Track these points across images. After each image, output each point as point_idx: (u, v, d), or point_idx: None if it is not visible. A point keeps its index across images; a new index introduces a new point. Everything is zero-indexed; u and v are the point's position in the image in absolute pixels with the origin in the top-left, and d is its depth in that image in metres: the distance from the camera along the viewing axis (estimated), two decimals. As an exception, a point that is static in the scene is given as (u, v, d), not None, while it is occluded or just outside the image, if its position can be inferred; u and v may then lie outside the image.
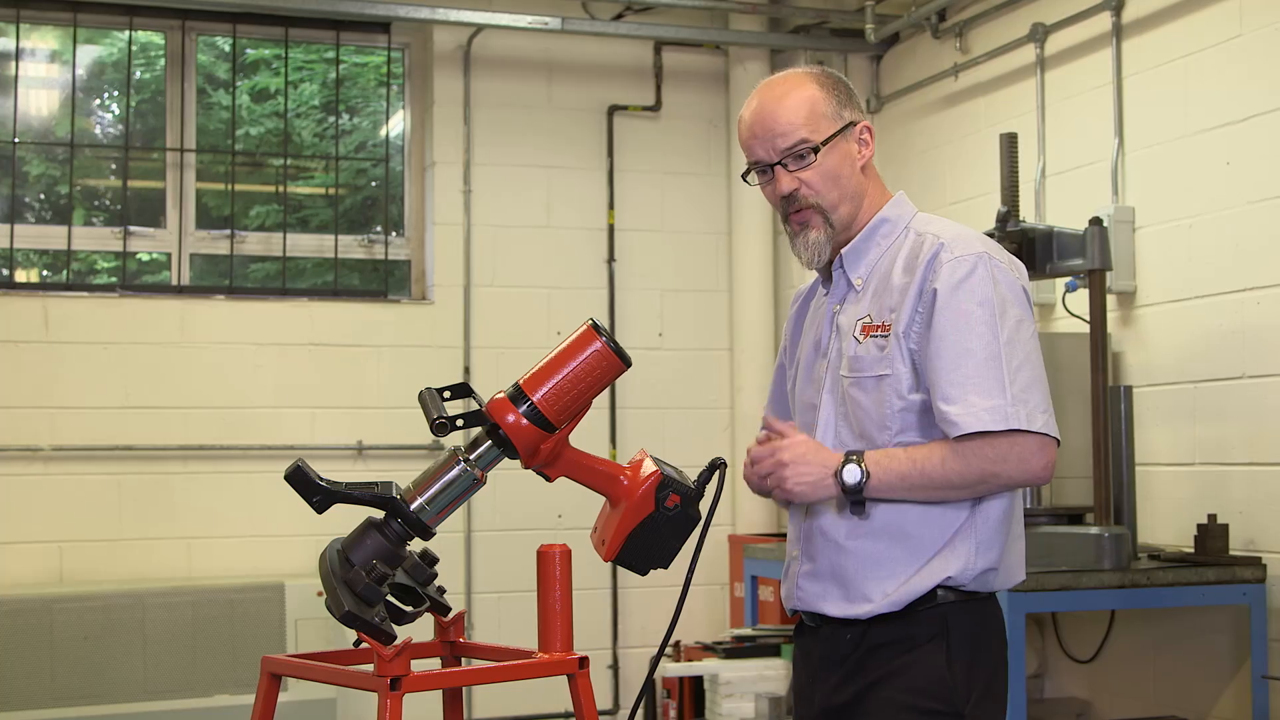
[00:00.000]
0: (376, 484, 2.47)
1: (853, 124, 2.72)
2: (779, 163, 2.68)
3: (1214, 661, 4.81)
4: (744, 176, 2.80)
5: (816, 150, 2.67)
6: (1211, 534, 4.59)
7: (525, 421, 2.45)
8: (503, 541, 6.55)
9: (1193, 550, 4.66)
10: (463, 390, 2.57)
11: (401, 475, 2.51)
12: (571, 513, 6.59)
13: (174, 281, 6.42)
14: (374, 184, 6.93)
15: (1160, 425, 4.99)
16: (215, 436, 6.22)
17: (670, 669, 5.77)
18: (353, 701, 6.12)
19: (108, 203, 6.64)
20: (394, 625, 2.38)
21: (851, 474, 2.54)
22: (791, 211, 2.71)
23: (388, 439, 6.42)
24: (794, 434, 2.63)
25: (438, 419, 2.44)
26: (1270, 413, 4.58)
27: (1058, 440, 2.54)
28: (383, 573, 2.39)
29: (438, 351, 6.56)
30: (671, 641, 6.47)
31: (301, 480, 2.42)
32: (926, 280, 2.58)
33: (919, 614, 2.59)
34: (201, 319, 6.26)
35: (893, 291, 2.64)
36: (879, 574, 2.60)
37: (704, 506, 2.62)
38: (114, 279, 6.39)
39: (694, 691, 5.72)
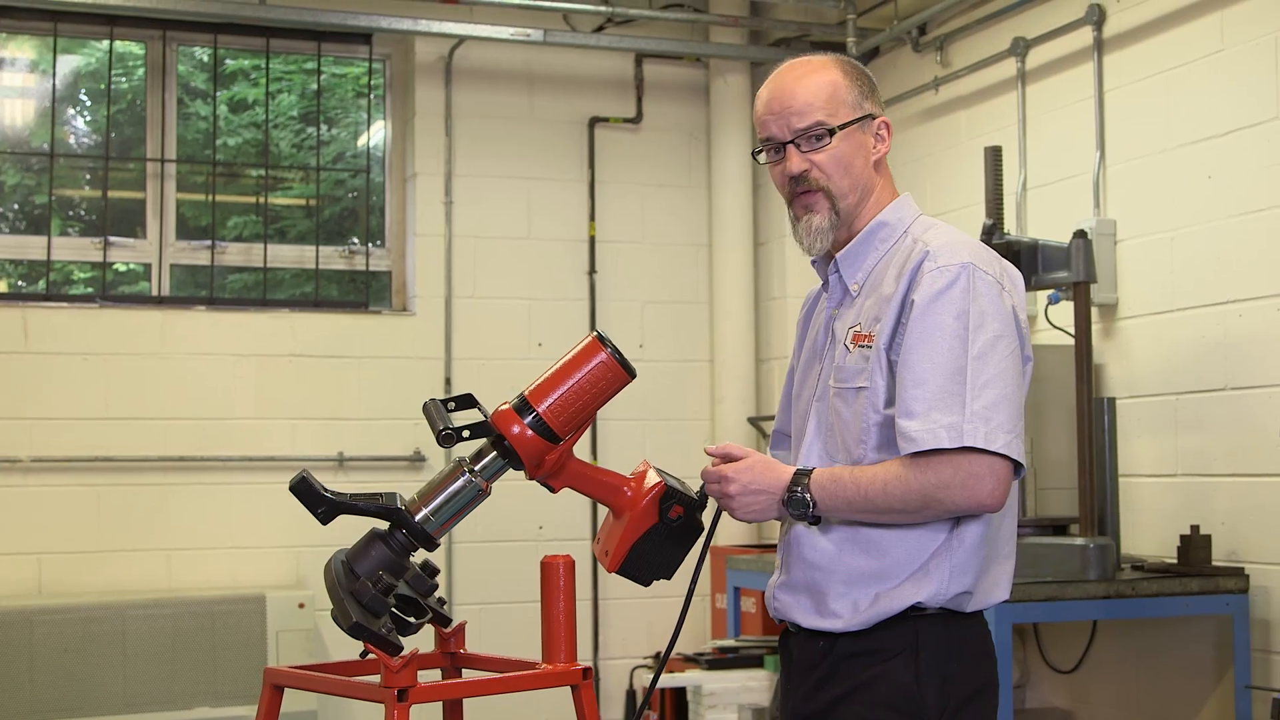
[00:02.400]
0: (381, 495, 2.48)
1: (871, 116, 2.68)
2: (791, 142, 2.63)
3: (1196, 672, 4.85)
4: (755, 154, 2.74)
5: (832, 133, 2.61)
6: (1195, 545, 4.62)
7: (530, 433, 2.46)
8: (484, 553, 6.54)
9: (1175, 561, 4.70)
10: (467, 401, 2.58)
11: (382, 486, 2.52)
12: (553, 524, 6.60)
13: (154, 292, 6.39)
14: (351, 195, 6.93)
15: (1143, 437, 5.02)
16: (195, 448, 6.19)
17: (653, 680, 5.76)
18: (333, 712, 6.11)
19: (83, 213, 6.61)
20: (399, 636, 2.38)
21: (795, 505, 2.52)
22: (798, 193, 2.66)
23: (369, 450, 6.41)
24: (746, 454, 2.59)
25: (444, 430, 2.44)
26: (1252, 424, 4.61)
27: (1019, 465, 2.46)
28: (388, 584, 2.40)
29: (419, 363, 6.55)
30: (652, 653, 6.53)
31: (307, 491, 2.42)
32: (908, 291, 2.53)
33: (892, 627, 2.53)
34: (182, 330, 6.24)
35: (881, 301, 2.58)
36: (851, 589, 2.55)
37: (706, 518, 2.64)
38: (90, 289, 6.36)
39: (676, 703, 5.72)
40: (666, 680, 5.65)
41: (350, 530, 2.59)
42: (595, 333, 2.54)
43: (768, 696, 5.38)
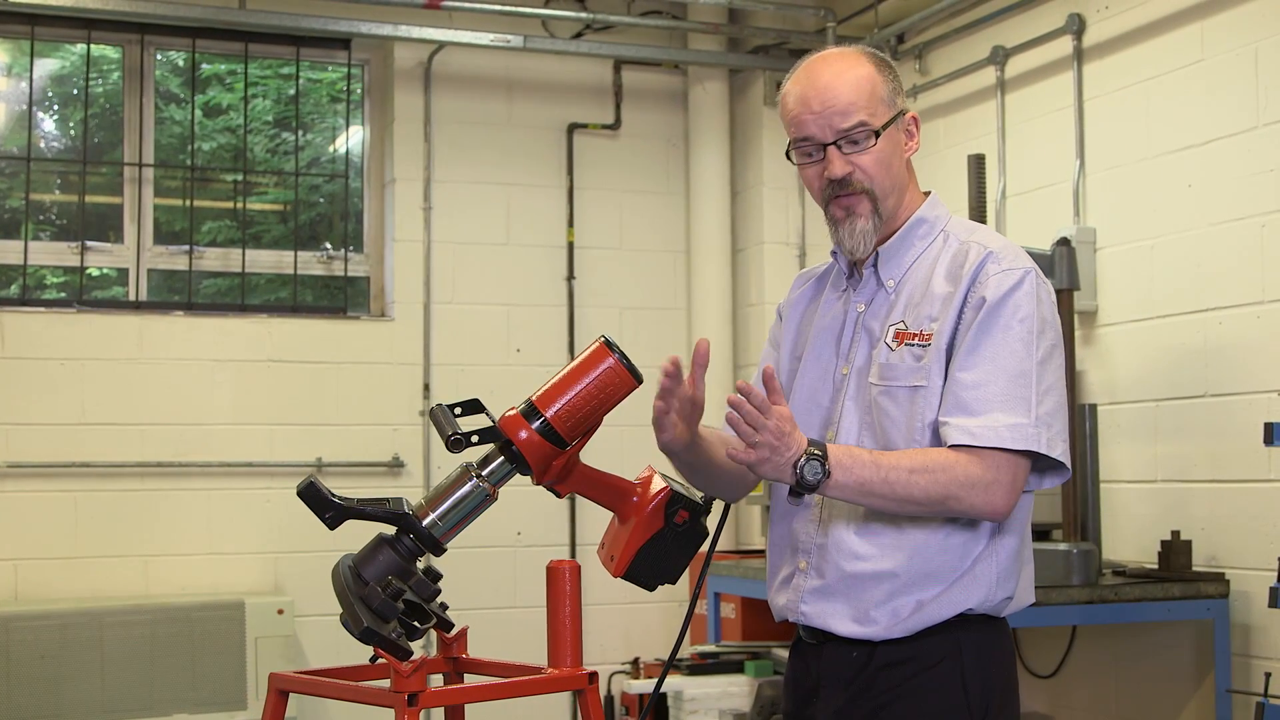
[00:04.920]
0: (388, 499, 2.47)
1: (903, 113, 2.61)
2: (834, 143, 2.55)
3: (1176, 676, 4.88)
4: (787, 154, 2.64)
5: (877, 135, 2.54)
6: (1175, 550, 4.66)
7: (538, 438, 2.46)
8: (461, 558, 6.47)
9: (1156, 566, 4.74)
10: (474, 406, 2.57)
11: (361, 492, 2.49)
12: (531, 530, 6.60)
13: (131, 297, 6.36)
14: (322, 200, 6.90)
15: (1123, 443, 5.06)
16: (173, 453, 6.16)
17: (633, 686, 5.77)
18: (310, 717, 6.09)
19: (54, 217, 6.57)
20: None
21: (812, 471, 2.37)
22: (839, 195, 2.57)
23: (347, 456, 6.39)
24: (783, 401, 2.42)
25: (452, 435, 2.44)
26: (1232, 430, 4.65)
27: (1066, 473, 2.49)
28: (397, 588, 2.39)
29: (397, 368, 6.54)
30: (630, 659, 6.53)
31: (314, 496, 2.40)
32: (971, 290, 2.49)
33: (931, 634, 2.51)
34: (160, 335, 6.21)
35: (933, 300, 2.53)
36: (893, 596, 2.51)
37: (711, 523, 2.64)
38: (63, 294, 6.32)
39: (656, 709, 5.72)
40: (646, 686, 5.65)
41: (331, 536, 2.59)
42: (603, 338, 2.53)
43: (748, 702, 5.38)
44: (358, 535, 2.55)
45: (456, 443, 2.43)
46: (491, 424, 2.48)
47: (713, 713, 5.43)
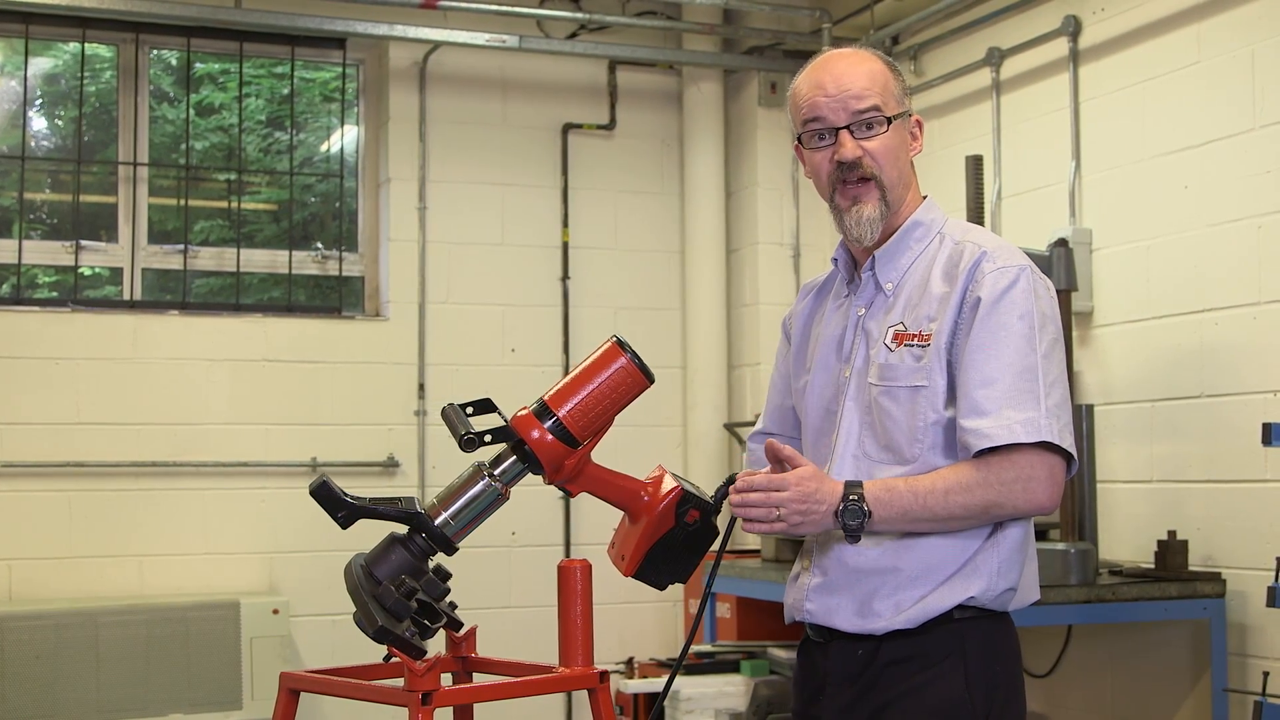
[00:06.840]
0: (400, 499, 2.48)
1: (909, 113, 2.68)
2: (846, 127, 2.59)
3: (1171, 675, 4.90)
4: (798, 141, 2.67)
5: (889, 121, 2.59)
6: (1172, 550, 4.68)
7: (550, 437, 2.47)
8: (456, 558, 6.48)
9: (1153, 566, 4.75)
10: (485, 406, 2.57)
11: (355, 492, 2.49)
12: (526, 530, 6.60)
13: (126, 296, 6.34)
14: (315, 199, 6.89)
15: (1119, 444, 5.07)
16: (168, 453, 6.14)
17: (628, 686, 5.77)
18: (305, 715, 6.07)
19: (47, 216, 6.55)
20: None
21: (853, 515, 2.45)
22: (847, 181, 2.62)
23: (342, 456, 6.38)
24: (800, 462, 2.50)
25: (465, 435, 2.44)
26: (1228, 431, 4.67)
27: (1074, 465, 2.52)
28: (410, 587, 2.40)
29: (392, 368, 6.53)
30: (625, 659, 6.53)
31: (327, 496, 2.41)
32: (968, 289, 2.52)
33: (934, 631, 2.53)
34: (154, 334, 6.19)
35: (931, 300, 2.57)
36: (895, 590, 2.53)
37: (721, 522, 2.65)
38: (55, 293, 6.30)
39: (650, 709, 5.72)
40: (642, 686, 5.65)
41: (327, 536, 2.58)
42: (614, 338, 2.54)
43: (744, 702, 5.39)
44: (354, 536, 2.55)
45: (469, 442, 2.44)
46: (504, 423, 2.49)
47: (708, 712, 5.44)
